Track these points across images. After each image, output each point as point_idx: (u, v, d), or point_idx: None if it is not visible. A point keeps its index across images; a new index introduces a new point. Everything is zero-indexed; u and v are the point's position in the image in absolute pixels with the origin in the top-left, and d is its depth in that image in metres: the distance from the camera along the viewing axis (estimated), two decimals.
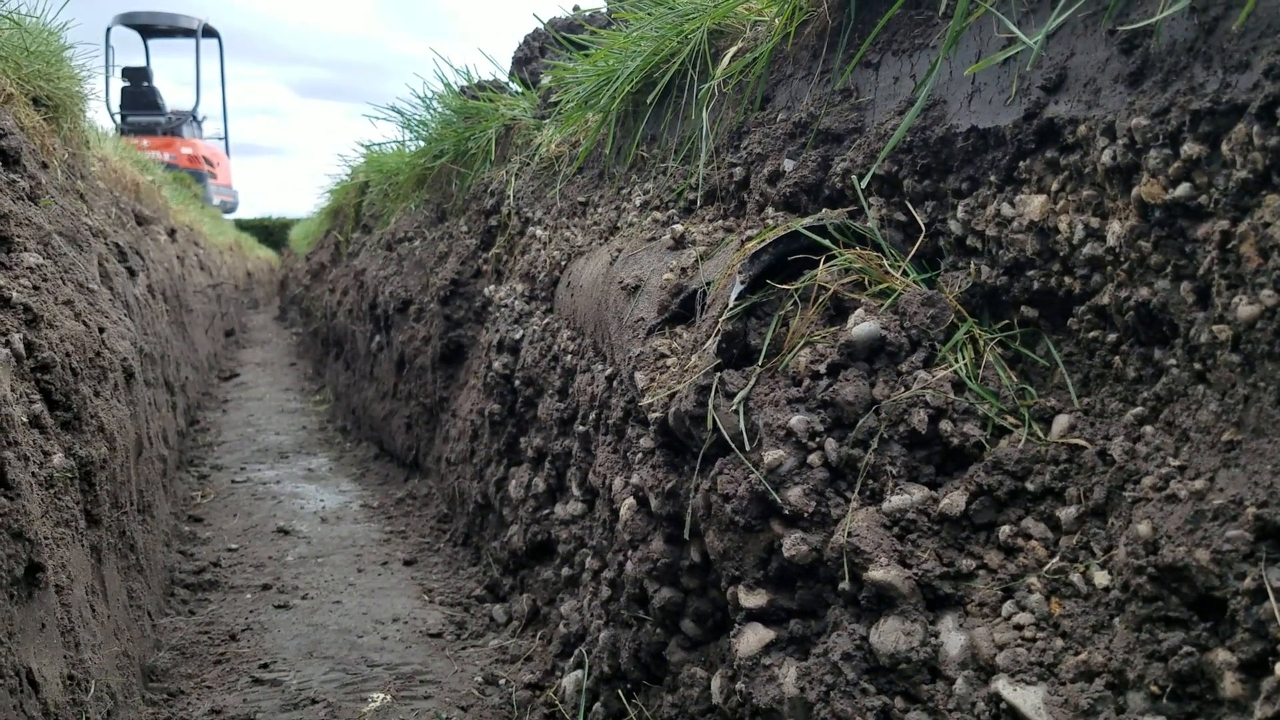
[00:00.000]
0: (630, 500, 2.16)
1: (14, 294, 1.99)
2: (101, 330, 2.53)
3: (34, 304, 2.04)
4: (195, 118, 22.02)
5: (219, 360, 9.43)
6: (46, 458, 1.92)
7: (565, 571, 2.78)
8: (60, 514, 1.96)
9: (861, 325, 1.65)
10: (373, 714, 2.43)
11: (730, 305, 1.81)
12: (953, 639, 1.44)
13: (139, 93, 20.67)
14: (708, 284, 2.03)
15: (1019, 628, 1.37)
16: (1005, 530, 1.48)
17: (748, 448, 1.71)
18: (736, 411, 1.74)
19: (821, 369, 1.68)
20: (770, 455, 1.65)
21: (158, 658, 2.73)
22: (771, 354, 1.79)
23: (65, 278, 2.41)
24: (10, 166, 2.55)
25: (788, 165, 2.12)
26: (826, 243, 1.81)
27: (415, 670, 2.71)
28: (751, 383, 1.76)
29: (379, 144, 6.64)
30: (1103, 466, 1.39)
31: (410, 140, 5.90)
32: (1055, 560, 1.41)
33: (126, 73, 20.65)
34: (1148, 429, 1.35)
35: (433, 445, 4.63)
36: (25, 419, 1.84)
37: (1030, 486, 1.47)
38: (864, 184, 1.89)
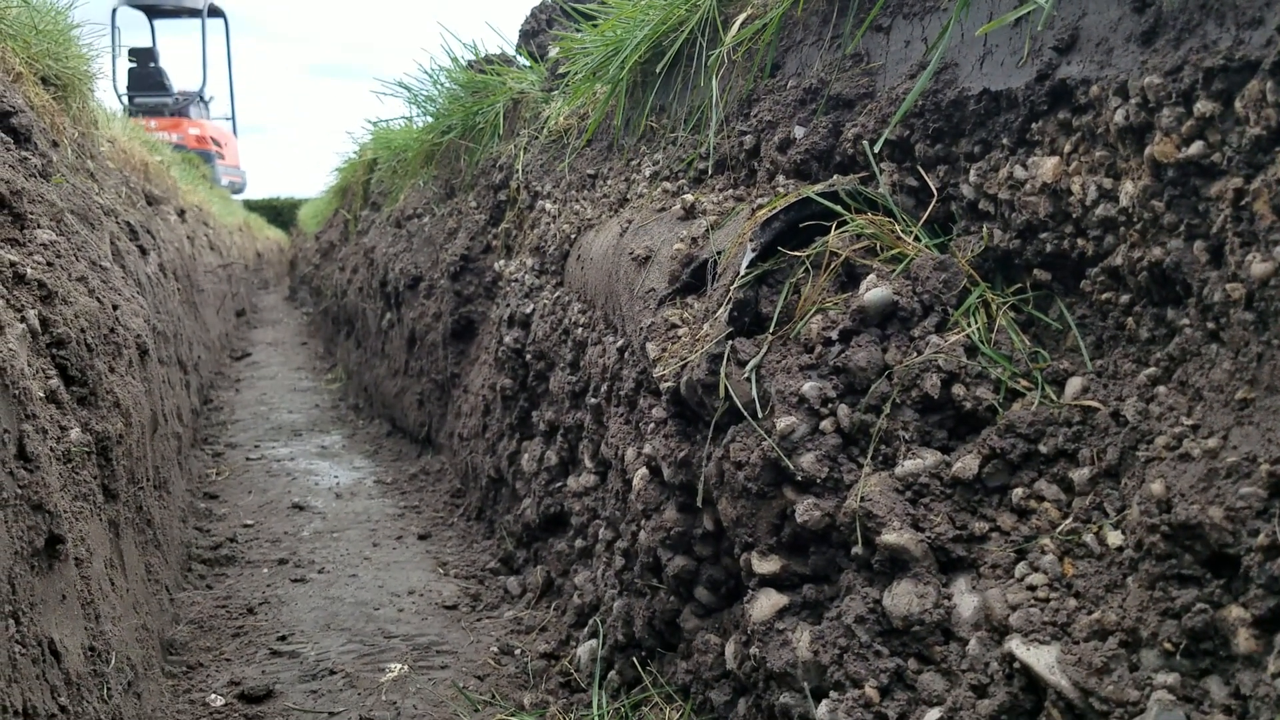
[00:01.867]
0: (643, 470, 2.17)
1: (29, 270, 2.00)
2: (115, 307, 2.55)
3: (48, 280, 2.05)
4: (202, 98, 21.98)
5: (231, 340, 9.47)
6: (63, 432, 1.94)
7: (579, 543, 2.80)
8: (78, 488, 1.98)
9: (874, 291, 1.65)
10: (391, 684, 2.45)
11: (742, 273, 1.81)
12: (966, 601, 1.45)
13: (145, 73, 20.62)
14: (718, 253, 2.03)
15: (1032, 588, 1.38)
16: (1018, 493, 1.48)
17: (760, 415, 1.71)
18: (749, 379, 1.75)
19: (833, 335, 1.68)
20: (783, 422, 1.65)
21: (176, 631, 2.76)
22: (783, 321, 1.79)
23: (78, 255, 2.42)
24: (22, 144, 2.56)
25: (798, 132, 2.11)
26: (838, 209, 1.81)
27: (432, 641, 2.73)
28: (763, 350, 1.76)
29: (386, 121, 6.64)
30: (1116, 427, 1.40)
31: (418, 116, 5.89)
32: (1068, 521, 1.41)
33: (133, 53, 20.60)
34: (1161, 389, 1.35)
35: (445, 421, 4.65)
36: (42, 394, 1.85)
37: (1043, 449, 1.47)
38: (875, 149, 1.88)
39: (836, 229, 1.78)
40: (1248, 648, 1.11)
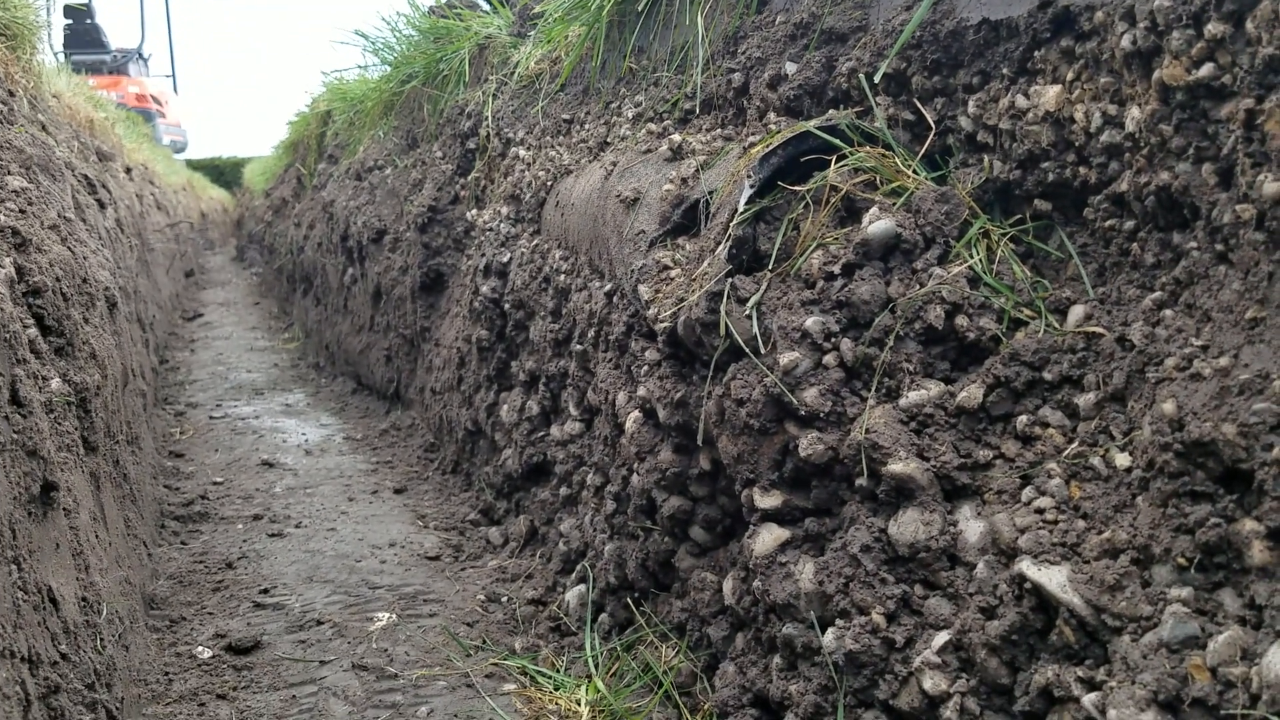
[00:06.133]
0: (636, 413, 2.16)
1: (1, 217, 1.94)
2: (84, 259, 2.48)
3: (22, 227, 1.99)
4: (141, 55, 21.37)
5: (181, 301, 9.27)
6: (44, 382, 1.89)
7: (563, 491, 2.79)
8: (61, 439, 1.93)
9: (877, 224, 1.65)
10: (380, 632, 2.45)
11: (740, 209, 1.80)
12: (971, 526, 1.47)
13: (82, 30, 19.99)
14: (710, 193, 2.02)
15: (1040, 511, 1.40)
16: (1022, 420, 1.50)
17: (762, 352, 1.71)
18: (749, 316, 1.75)
19: (836, 270, 1.68)
20: (785, 357, 1.66)
21: (156, 586, 2.72)
22: (782, 258, 1.79)
23: (47, 204, 2.34)
24: None
25: (790, 68, 2.10)
26: (837, 142, 1.80)
27: (417, 590, 2.73)
28: (764, 287, 1.76)
29: (341, 71, 6.50)
30: (1121, 352, 1.42)
31: (375, 66, 5.77)
32: (1074, 446, 1.43)
33: (68, 10, 19.92)
34: (1167, 312, 1.37)
35: (415, 376, 4.61)
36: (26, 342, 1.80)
37: (1048, 376, 1.49)
38: (872, 83, 1.87)
39: (836, 163, 1.77)
40: (1262, 559, 1.13)
